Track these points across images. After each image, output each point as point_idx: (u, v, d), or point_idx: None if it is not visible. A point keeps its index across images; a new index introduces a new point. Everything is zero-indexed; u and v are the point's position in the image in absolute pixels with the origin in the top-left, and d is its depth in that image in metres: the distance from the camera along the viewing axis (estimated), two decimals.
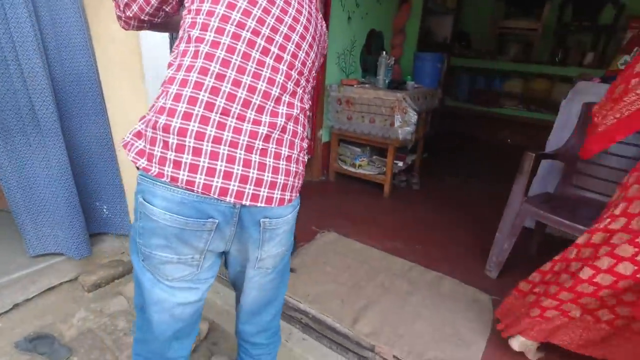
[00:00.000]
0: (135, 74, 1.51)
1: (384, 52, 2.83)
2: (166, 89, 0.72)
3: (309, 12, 0.84)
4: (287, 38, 0.78)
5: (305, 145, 0.86)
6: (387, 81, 2.85)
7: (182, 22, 0.77)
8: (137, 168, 0.75)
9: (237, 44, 0.72)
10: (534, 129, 4.51)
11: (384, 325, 1.56)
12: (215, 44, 0.71)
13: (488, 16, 4.94)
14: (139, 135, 0.74)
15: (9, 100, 1.49)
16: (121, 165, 1.85)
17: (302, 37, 0.82)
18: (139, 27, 0.93)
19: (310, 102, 0.89)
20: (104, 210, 1.94)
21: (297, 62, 0.81)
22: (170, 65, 0.75)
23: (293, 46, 0.79)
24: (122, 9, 0.87)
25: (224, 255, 0.88)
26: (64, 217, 1.71)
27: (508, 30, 4.83)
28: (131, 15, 0.87)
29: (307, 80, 0.86)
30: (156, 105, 0.73)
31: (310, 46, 0.84)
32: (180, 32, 0.77)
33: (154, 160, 0.70)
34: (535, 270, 1.46)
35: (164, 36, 1.49)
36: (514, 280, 1.93)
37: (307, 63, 0.84)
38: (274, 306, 1.00)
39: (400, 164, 3.02)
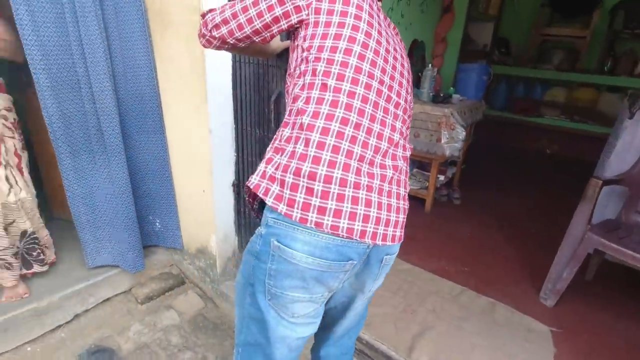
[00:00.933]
0: (197, 96, 1.53)
1: (430, 65, 2.78)
2: (306, 136, 0.73)
3: (406, 54, 0.89)
4: (400, 85, 0.83)
5: (408, 182, 0.89)
6: (431, 94, 2.79)
7: (306, 65, 0.77)
8: (260, 209, 0.79)
9: (369, 94, 0.76)
10: (576, 140, 4.33)
11: (440, 356, 1.52)
12: (352, 94, 0.75)
13: (530, 23, 4.77)
14: (272, 179, 0.75)
15: (79, 121, 1.55)
16: (175, 181, 1.88)
17: (408, 82, 0.87)
18: (219, 48, 0.93)
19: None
20: (157, 224, 1.98)
21: (407, 106, 0.87)
22: (302, 111, 0.75)
23: (404, 92, 0.85)
24: (209, 28, 0.87)
25: None
26: (121, 231, 1.75)
27: (552, 37, 4.65)
28: (217, 36, 0.87)
29: (410, 121, 0.91)
30: (293, 151, 0.74)
31: (412, 88, 0.90)
32: (308, 77, 0.77)
33: (295, 206, 0.72)
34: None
35: (229, 62, 1.50)
36: (573, 310, 1.86)
37: (412, 105, 0.90)
38: (359, 328, 1.07)
39: (442, 177, 2.95)
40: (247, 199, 0.85)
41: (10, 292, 1.66)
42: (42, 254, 1.75)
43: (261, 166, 0.78)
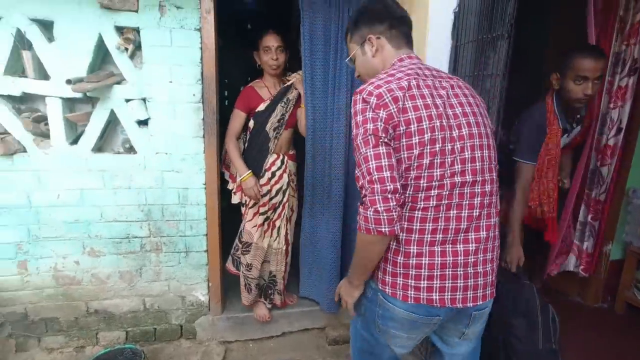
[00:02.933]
0: None
1: None
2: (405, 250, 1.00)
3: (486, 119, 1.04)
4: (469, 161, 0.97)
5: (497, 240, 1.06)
6: None
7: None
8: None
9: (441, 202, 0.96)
10: None
11: None
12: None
13: None
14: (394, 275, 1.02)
15: (321, 180, 2.03)
16: None
17: (481, 136, 0.99)
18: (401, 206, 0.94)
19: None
20: None
21: (479, 177, 0.98)
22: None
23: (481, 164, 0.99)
24: (382, 216, 0.89)
25: None
26: (326, 273, 2.08)
27: None
28: (392, 206, 0.88)
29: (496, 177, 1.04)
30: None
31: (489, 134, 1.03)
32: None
33: (397, 287, 1.00)
34: None
35: None
36: None
37: (493, 163, 1.03)
38: None
39: None
40: None
41: (260, 314, 2.12)
42: (273, 295, 2.16)
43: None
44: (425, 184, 0.91)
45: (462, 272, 0.95)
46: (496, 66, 1.36)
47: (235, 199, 2.06)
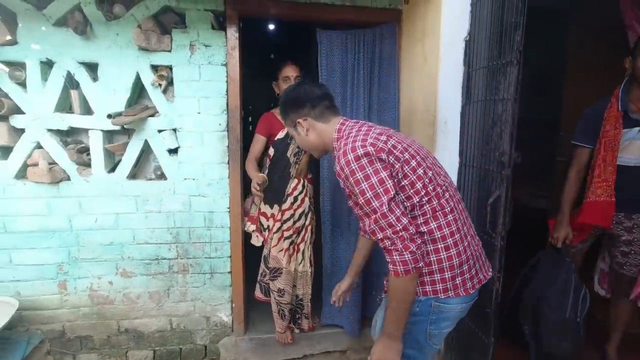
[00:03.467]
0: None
1: None
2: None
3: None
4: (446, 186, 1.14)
5: None
6: None
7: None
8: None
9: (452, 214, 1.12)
10: None
11: None
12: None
13: None
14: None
15: (341, 205, 2.09)
16: None
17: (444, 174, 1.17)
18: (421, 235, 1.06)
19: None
20: (377, 299, 2.22)
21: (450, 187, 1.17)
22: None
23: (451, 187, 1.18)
24: (416, 259, 0.99)
25: None
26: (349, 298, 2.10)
27: None
28: (418, 241, 1.00)
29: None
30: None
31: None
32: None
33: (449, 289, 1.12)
34: None
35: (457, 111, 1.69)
36: None
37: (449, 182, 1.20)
38: None
39: None
40: None
41: (282, 336, 2.16)
42: (300, 319, 2.20)
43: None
44: (441, 191, 1.07)
45: (479, 251, 1.17)
46: (507, 91, 1.40)
47: (254, 240, 2.11)
